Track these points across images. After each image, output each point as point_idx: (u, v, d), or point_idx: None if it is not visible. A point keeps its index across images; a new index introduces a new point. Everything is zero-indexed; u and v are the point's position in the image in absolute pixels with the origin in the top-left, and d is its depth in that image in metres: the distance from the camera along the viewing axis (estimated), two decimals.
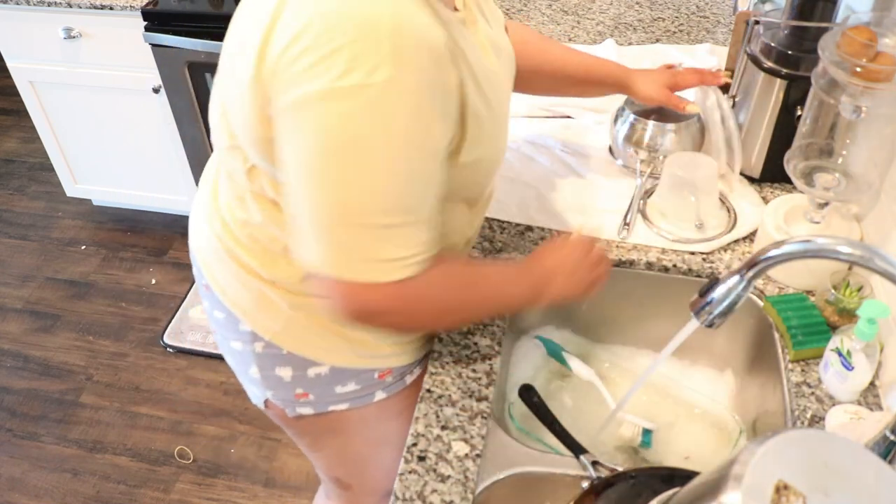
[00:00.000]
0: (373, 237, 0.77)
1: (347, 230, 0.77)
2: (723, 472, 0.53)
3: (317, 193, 0.76)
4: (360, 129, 0.73)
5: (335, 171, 0.75)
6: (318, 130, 0.73)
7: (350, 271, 0.78)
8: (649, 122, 1.28)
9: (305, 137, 0.74)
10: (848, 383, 0.95)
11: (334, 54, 0.70)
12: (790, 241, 0.75)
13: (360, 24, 0.70)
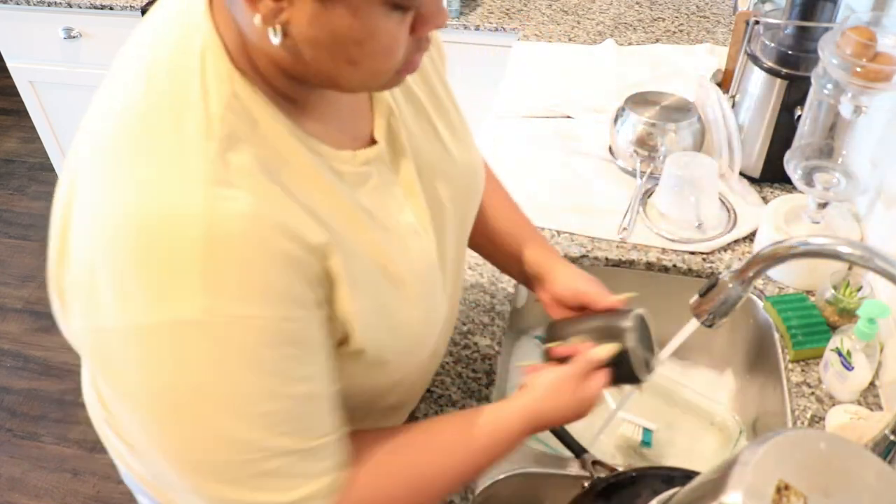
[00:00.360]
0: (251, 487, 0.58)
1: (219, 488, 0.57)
2: (723, 472, 0.53)
3: (168, 452, 0.58)
4: (182, 374, 0.54)
5: (175, 430, 0.56)
6: (130, 379, 0.55)
7: None
8: (649, 122, 1.28)
9: (117, 385, 0.57)
10: (848, 383, 0.95)
11: (127, 281, 0.52)
12: (790, 241, 0.75)
13: (162, 234, 0.51)
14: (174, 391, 0.54)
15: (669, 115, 1.29)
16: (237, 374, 0.55)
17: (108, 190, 0.54)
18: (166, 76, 0.56)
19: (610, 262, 1.18)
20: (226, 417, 0.55)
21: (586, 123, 1.47)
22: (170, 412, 0.55)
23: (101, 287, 0.53)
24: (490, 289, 1.14)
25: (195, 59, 0.56)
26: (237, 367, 0.54)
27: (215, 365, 0.54)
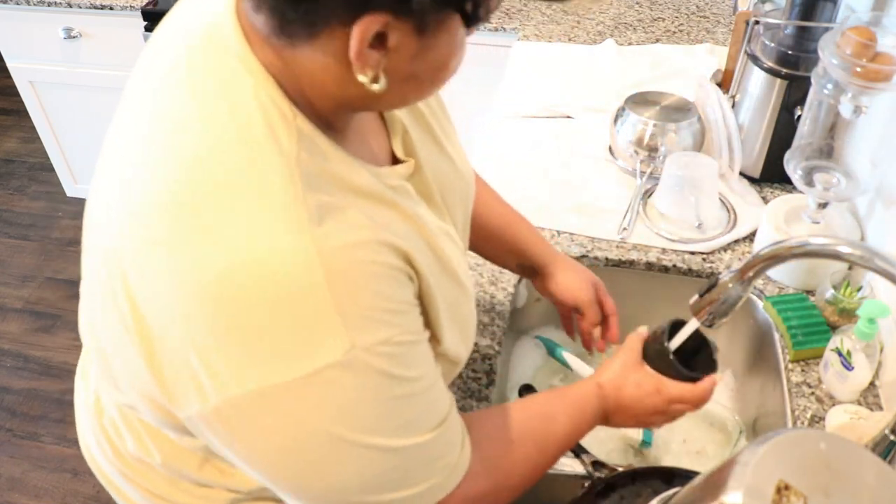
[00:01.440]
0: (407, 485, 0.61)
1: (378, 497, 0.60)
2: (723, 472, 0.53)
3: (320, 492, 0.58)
4: (335, 416, 0.54)
5: (328, 466, 0.56)
6: (277, 434, 0.54)
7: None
8: (649, 122, 1.28)
9: (259, 445, 0.55)
10: (848, 383, 0.95)
11: (255, 342, 0.50)
12: (790, 241, 0.75)
13: (284, 287, 0.50)
14: (330, 426, 0.54)
15: (669, 115, 1.29)
16: (382, 394, 0.56)
17: (201, 255, 0.50)
18: (229, 124, 0.53)
19: (610, 262, 1.18)
20: (378, 435, 0.56)
21: (586, 123, 1.47)
22: (328, 446, 0.55)
23: (225, 360, 0.51)
24: (490, 289, 1.14)
25: (252, 102, 0.53)
26: (382, 387, 0.55)
27: (361, 395, 0.54)
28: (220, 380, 0.52)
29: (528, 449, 0.73)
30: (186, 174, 0.52)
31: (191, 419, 0.56)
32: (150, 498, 0.78)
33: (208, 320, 0.51)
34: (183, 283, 0.51)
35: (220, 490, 0.75)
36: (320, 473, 0.56)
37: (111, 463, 0.80)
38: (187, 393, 0.54)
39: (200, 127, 0.53)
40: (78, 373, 0.87)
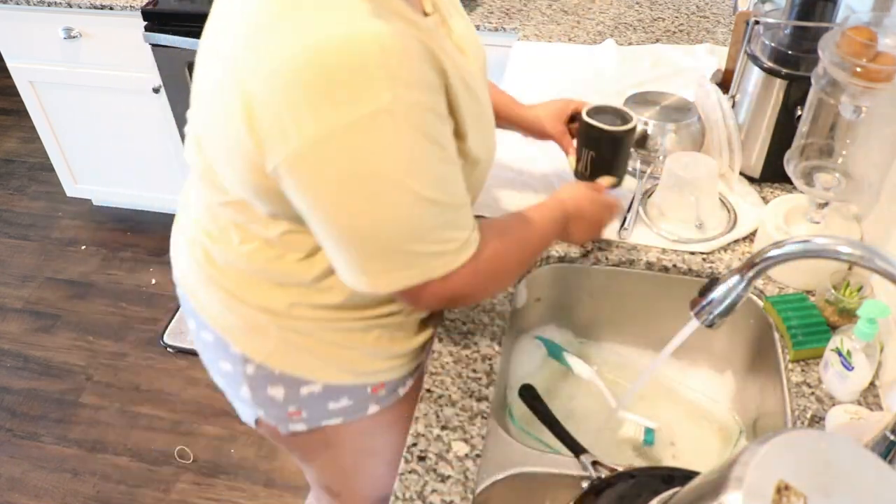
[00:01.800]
0: (431, 240, 0.80)
1: (413, 244, 0.79)
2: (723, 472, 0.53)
3: (361, 228, 0.76)
4: (384, 155, 0.72)
5: (372, 204, 0.74)
6: (342, 171, 0.73)
7: (422, 275, 0.81)
8: (649, 122, 1.28)
9: (328, 183, 0.74)
10: (848, 383, 0.95)
11: (330, 91, 0.69)
12: (790, 241, 0.75)
13: (350, 52, 0.69)
14: (376, 167, 0.73)
15: (669, 115, 1.29)
16: (419, 147, 0.74)
17: (300, 32, 0.70)
18: None
19: (610, 262, 1.18)
20: (417, 181, 0.75)
21: None
22: (379, 185, 0.74)
23: (307, 107, 0.70)
24: None
25: None
26: (417, 141, 0.74)
27: (403, 142, 0.73)
28: (302, 123, 0.70)
29: (515, 242, 0.94)
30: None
31: (276, 169, 0.75)
32: (230, 298, 0.97)
33: (299, 78, 0.69)
34: (283, 53, 0.70)
35: (289, 287, 0.93)
36: (370, 210, 0.75)
37: (202, 269, 0.99)
38: (276, 141, 0.73)
39: None
40: (180, 205, 1.08)
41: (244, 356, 0.99)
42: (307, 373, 1.00)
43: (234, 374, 1.02)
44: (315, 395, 1.01)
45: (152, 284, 2.53)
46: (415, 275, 0.81)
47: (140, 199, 2.67)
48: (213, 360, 1.07)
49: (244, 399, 1.04)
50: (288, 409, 1.02)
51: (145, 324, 2.40)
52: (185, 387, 2.21)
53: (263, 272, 0.93)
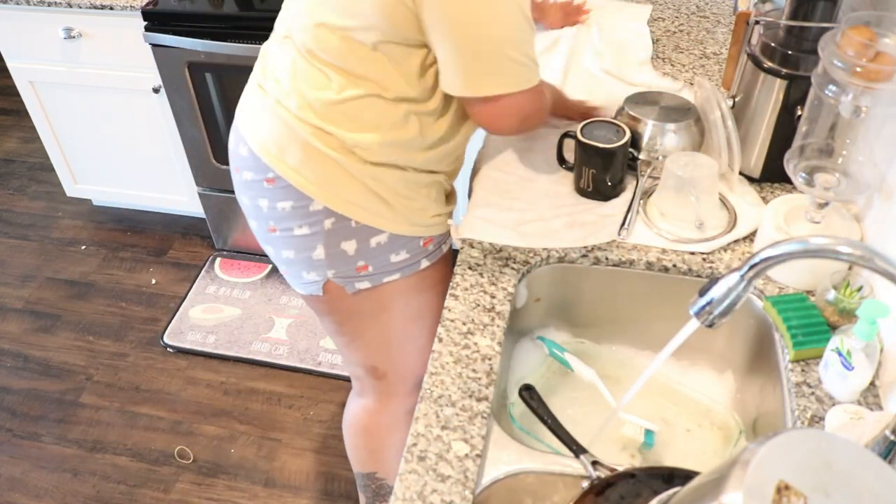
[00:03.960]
0: (524, 54, 1.03)
1: (507, 50, 1.01)
2: (723, 472, 0.53)
3: (478, 30, 0.98)
4: None
5: (492, 10, 0.98)
6: None
7: (511, 84, 1.04)
8: (649, 122, 1.28)
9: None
10: (848, 383, 0.95)
11: None
12: (790, 241, 0.75)
13: None
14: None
15: (669, 115, 1.29)
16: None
17: None
18: None
19: (610, 262, 1.18)
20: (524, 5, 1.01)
21: None
22: None
23: None
24: (490, 289, 1.14)
25: None
26: None
27: None
28: None
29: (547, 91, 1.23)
30: None
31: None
32: (319, 144, 1.09)
33: None
34: None
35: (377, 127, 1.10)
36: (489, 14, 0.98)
37: (292, 126, 1.10)
38: None
39: None
40: (250, 84, 1.20)
41: (326, 210, 1.12)
42: (378, 222, 1.14)
43: (311, 235, 1.14)
44: (382, 245, 1.16)
45: (152, 284, 2.53)
46: (507, 82, 1.04)
47: (140, 199, 2.67)
48: (286, 231, 1.16)
49: (316, 262, 1.17)
50: (357, 263, 1.16)
51: (145, 324, 2.40)
52: (185, 387, 2.21)
53: (365, 111, 1.08)
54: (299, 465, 1.99)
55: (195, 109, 2.25)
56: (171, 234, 2.71)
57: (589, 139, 1.21)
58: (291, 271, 1.23)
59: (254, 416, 2.11)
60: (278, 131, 1.12)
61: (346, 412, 1.54)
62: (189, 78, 2.18)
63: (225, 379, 2.22)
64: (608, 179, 1.24)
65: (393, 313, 1.26)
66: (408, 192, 1.15)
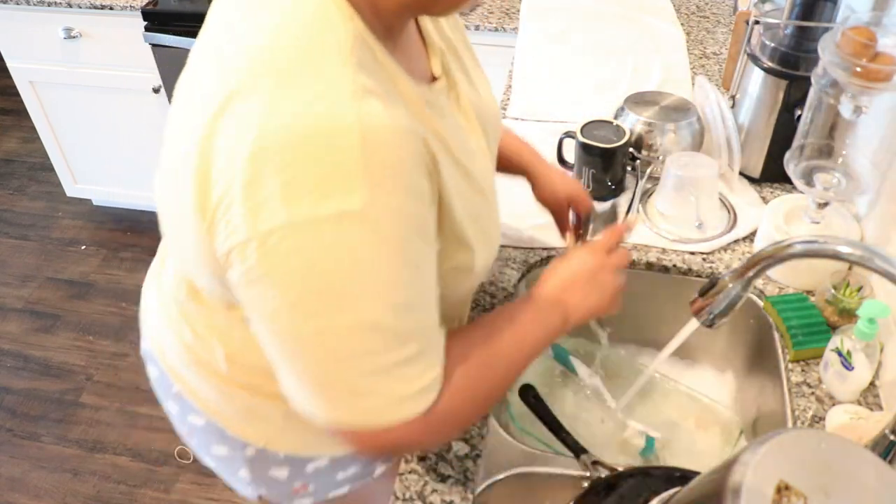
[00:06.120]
0: (385, 378, 0.65)
1: (353, 378, 0.65)
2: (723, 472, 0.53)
3: (307, 346, 0.64)
4: (341, 264, 0.60)
5: (325, 319, 0.62)
6: (292, 274, 0.60)
7: (364, 420, 0.67)
8: (649, 122, 1.28)
9: (275, 284, 0.61)
10: (848, 383, 0.95)
11: (295, 182, 0.58)
12: (790, 241, 0.75)
13: (324, 142, 0.58)
14: (331, 277, 0.61)
15: (669, 115, 1.29)
16: (385, 263, 0.61)
17: (269, 109, 0.59)
18: (294, 21, 0.62)
19: None
20: (373, 303, 0.62)
21: None
22: (325, 297, 0.61)
23: (264, 194, 0.58)
24: (490, 289, 1.13)
25: (320, 5, 0.63)
26: (386, 255, 0.61)
27: (369, 253, 0.61)
28: (253, 213, 0.59)
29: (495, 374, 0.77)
30: (268, 41, 0.62)
31: (227, 253, 0.63)
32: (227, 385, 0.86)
33: (261, 162, 0.58)
34: (248, 133, 0.59)
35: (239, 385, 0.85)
36: (309, 325, 0.62)
37: (191, 353, 0.88)
38: (230, 228, 0.61)
39: (276, 11, 0.63)
40: (148, 280, 0.99)
41: (244, 441, 0.91)
42: (314, 449, 0.92)
43: (232, 457, 0.94)
44: (322, 469, 0.94)
45: None
46: (357, 417, 0.66)
47: (140, 199, 2.67)
48: (203, 444, 0.97)
49: (243, 480, 0.96)
50: (293, 485, 0.95)
51: None
52: None
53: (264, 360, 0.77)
54: None
55: None
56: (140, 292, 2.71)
57: (589, 139, 1.21)
58: (220, 473, 1.00)
59: None
60: (179, 353, 0.90)
61: None
62: None
63: None
64: (608, 179, 1.23)
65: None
66: None
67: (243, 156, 0.59)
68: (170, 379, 0.94)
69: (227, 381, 0.86)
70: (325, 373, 0.65)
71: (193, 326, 0.86)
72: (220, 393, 0.88)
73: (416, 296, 0.66)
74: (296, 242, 0.59)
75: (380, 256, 0.61)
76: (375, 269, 0.61)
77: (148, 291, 0.98)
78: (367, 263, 0.61)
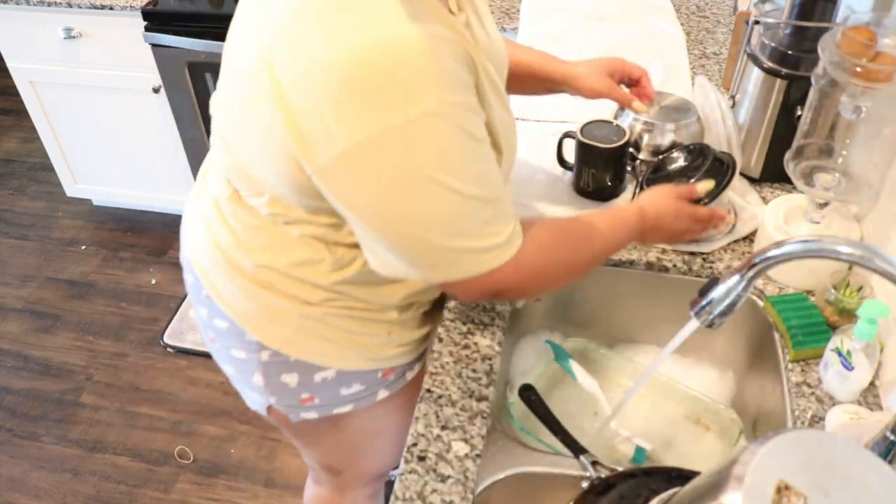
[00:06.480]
0: (475, 236, 0.81)
1: (454, 242, 0.80)
2: (723, 472, 0.53)
3: (409, 229, 0.78)
4: (429, 157, 0.74)
5: (419, 206, 0.76)
6: (391, 174, 0.74)
7: (465, 271, 0.83)
8: (649, 122, 1.28)
9: (378, 185, 0.74)
10: (848, 383, 0.95)
11: (374, 95, 0.70)
12: (790, 241, 0.75)
13: (392, 56, 0.69)
14: (425, 171, 0.74)
15: (669, 114, 1.29)
16: (462, 146, 0.76)
17: (331, 38, 0.70)
18: None
19: (610, 262, 1.18)
20: (461, 180, 0.76)
21: None
22: (424, 185, 0.74)
23: (350, 110, 0.70)
24: None
25: None
26: (460, 139, 0.75)
27: (447, 142, 0.74)
28: (348, 126, 0.71)
29: (566, 243, 0.93)
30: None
31: (322, 169, 0.75)
32: (251, 284, 0.96)
33: (342, 81, 0.69)
34: (322, 56, 0.70)
35: (311, 285, 0.94)
36: (418, 211, 0.76)
37: (223, 254, 0.97)
38: (320, 143, 0.73)
39: None
40: (199, 178, 1.08)
41: (260, 343, 1.00)
42: (323, 359, 1.01)
43: (248, 360, 1.03)
44: (328, 381, 1.02)
45: (152, 284, 2.53)
46: (462, 271, 0.83)
47: (140, 199, 2.67)
48: (224, 348, 1.06)
49: (256, 386, 1.05)
50: (301, 395, 1.03)
51: (145, 324, 2.40)
52: (185, 387, 2.21)
53: (295, 266, 0.93)
54: (299, 465, 1.98)
55: (195, 109, 2.25)
56: (171, 234, 2.71)
57: (589, 139, 1.21)
58: (235, 383, 1.12)
59: (254, 416, 2.10)
60: (213, 256, 0.99)
61: (304, 495, 1.46)
62: (189, 78, 2.18)
63: (225, 379, 2.20)
64: (608, 179, 1.24)
65: (348, 434, 1.15)
66: (359, 328, 1.00)
67: (323, 79, 0.70)
68: (201, 282, 1.03)
69: (250, 279, 0.96)
70: (434, 247, 0.79)
71: (229, 225, 0.96)
72: (243, 291, 0.97)
73: (486, 165, 0.80)
74: (388, 148, 0.71)
75: (456, 140, 0.75)
76: (455, 151, 0.75)
77: (189, 206, 1.08)
78: (448, 149, 0.74)
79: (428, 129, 0.72)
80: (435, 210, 0.76)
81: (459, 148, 0.75)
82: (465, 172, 0.77)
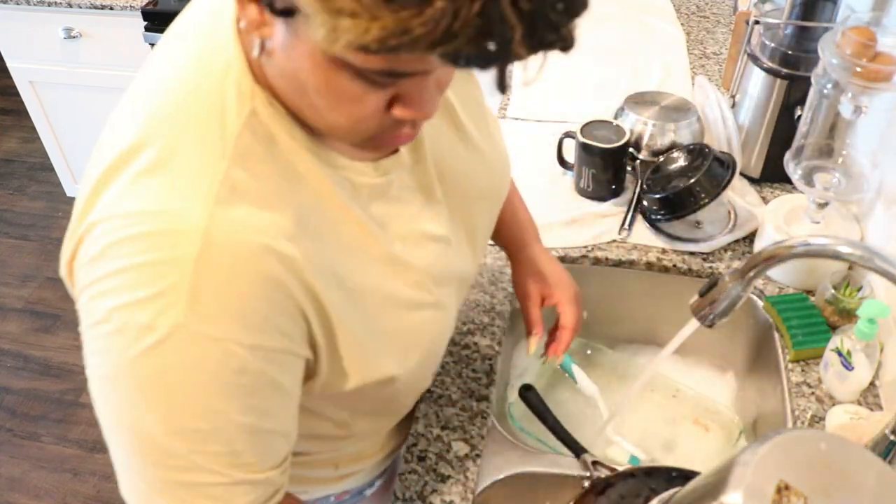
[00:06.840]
0: None
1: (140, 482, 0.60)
2: (723, 472, 0.53)
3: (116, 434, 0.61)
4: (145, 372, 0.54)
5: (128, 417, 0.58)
6: (101, 364, 0.56)
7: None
8: (649, 122, 1.28)
9: (94, 371, 0.58)
10: (848, 383, 0.95)
11: (120, 274, 0.53)
12: (790, 241, 0.75)
13: (165, 241, 0.52)
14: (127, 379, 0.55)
15: (669, 114, 1.29)
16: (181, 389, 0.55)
17: (124, 195, 0.55)
18: (190, 95, 0.56)
19: (610, 262, 1.18)
20: (155, 421, 0.55)
21: None
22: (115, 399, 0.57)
23: (99, 276, 0.55)
24: (490, 289, 1.13)
25: (216, 78, 0.56)
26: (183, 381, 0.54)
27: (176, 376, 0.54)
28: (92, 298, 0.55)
29: None
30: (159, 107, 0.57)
31: None
32: None
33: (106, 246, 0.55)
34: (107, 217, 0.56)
35: None
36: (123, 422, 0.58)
37: None
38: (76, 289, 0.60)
39: (171, 101, 0.57)
40: None
41: None
42: (308, 488, 0.90)
43: None
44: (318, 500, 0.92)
45: None
46: None
47: None
48: None
49: None
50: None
51: None
52: None
53: None
54: None
55: None
56: None
57: (589, 139, 1.21)
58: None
59: None
60: None
61: None
62: None
63: None
64: (608, 179, 1.24)
65: None
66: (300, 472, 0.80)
67: (93, 229, 0.57)
68: None
69: None
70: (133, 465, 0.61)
71: None
72: None
73: (226, 428, 0.57)
74: (110, 339, 0.54)
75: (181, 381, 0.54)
76: (174, 391, 0.54)
77: None
78: (171, 384, 0.54)
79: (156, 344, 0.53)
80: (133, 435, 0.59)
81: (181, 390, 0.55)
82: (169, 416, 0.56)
